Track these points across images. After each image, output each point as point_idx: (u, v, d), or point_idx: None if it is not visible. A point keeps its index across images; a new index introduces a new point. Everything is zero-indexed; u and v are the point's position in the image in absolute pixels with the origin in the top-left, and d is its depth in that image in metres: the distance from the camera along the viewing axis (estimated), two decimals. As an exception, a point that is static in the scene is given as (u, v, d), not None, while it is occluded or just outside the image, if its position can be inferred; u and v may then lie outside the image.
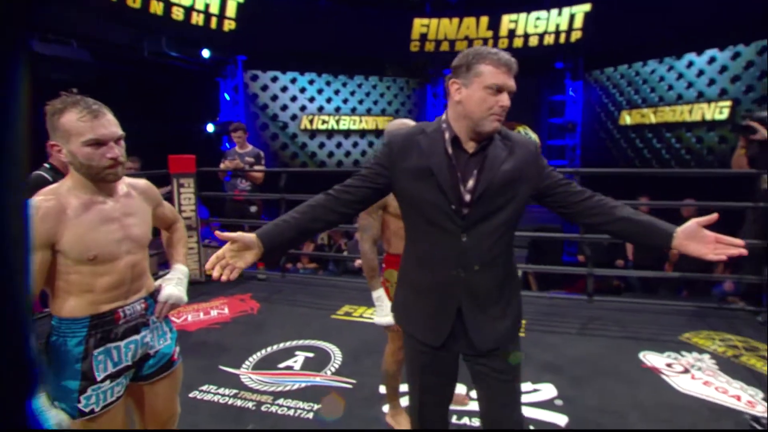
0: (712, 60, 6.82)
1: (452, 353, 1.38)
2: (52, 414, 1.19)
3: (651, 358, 2.89)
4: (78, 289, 1.26)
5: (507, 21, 9.10)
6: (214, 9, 7.45)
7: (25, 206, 0.41)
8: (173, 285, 1.45)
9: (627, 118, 8.35)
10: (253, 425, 2.23)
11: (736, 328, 3.30)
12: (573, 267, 5.20)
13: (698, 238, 1.20)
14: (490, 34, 9.23)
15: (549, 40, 8.92)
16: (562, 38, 8.82)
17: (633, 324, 3.41)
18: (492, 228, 1.28)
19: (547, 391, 2.53)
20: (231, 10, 7.68)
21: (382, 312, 1.91)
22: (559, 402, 2.42)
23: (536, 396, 2.48)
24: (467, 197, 1.26)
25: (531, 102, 9.73)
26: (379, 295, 1.92)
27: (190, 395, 2.46)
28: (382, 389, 2.52)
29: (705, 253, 1.19)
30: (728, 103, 6.63)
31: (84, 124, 1.21)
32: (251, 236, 1.24)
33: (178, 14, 6.84)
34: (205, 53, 7.46)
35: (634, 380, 2.64)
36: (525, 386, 2.53)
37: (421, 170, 1.27)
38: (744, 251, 1.16)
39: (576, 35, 8.76)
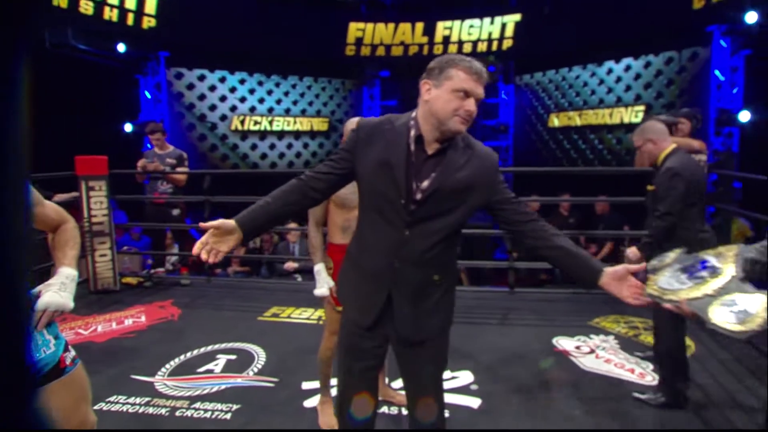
0: (628, 68, 7.57)
1: (380, 337, 1.50)
2: None
3: (563, 342, 3.18)
4: None
5: (442, 28, 9.53)
6: (131, 4, 7.16)
7: (27, 206, 0.40)
8: (54, 290, 1.37)
9: (555, 121, 9.01)
10: None
11: (638, 312, 3.69)
12: (498, 262, 5.54)
13: (624, 281, 1.30)
14: (425, 39, 9.62)
15: (482, 47, 9.47)
16: (495, 45, 9.38)
17: (550, 312, 3.72)
18: (435, 228, 1.38)
19: (465, 377, 2.71)
20: (150, 7, 7.42)
21: (319, 284, 2.11)
22: (474, 387, 2.61)
23: (454, 383, 2.65)
24: (418, 195, 1.36)
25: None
26: (319, 269, 2.11)
27: (95, 407, 2.38)
28: (305, 385, 2.60)
29: (625, 296, 1.29)
30: (642, 107, 7.37)
31: None
32: (231, 222, 1.33)
33: (86, 8, 6.50)
34: (121, 48, 7.12)
35: (544, 362, 2.90)
36: (445, 374, 2.71)
37: (382, 161, 1.37)
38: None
39: (507, 43, 9.34)
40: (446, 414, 2.34)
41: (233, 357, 2.96)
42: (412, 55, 9.59)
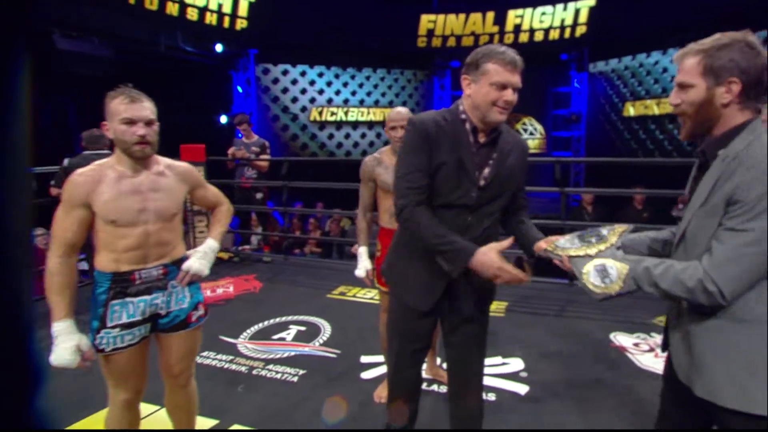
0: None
1: (433, 320, 1.56)
2: (74, 338, 1.44)
3: (620, 339, 3.01)
4: (105, 247, 1.53)
5: (513, 16, 9.08)
6: (227, 9, 7.66)
7: (28, 205, 0.39)
8: (197, 258, 1.65)
9: (630, 110, 8.30)
10: (243, 386, 2.46)
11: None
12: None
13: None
14: (496, 29, 9.21)
15: (554, 34, 8.87)
16: (567, 33, 8.76)
17: (610, 308, 3.50)
18: (491, 211, 1.46)
19: (515, 364, 2.68)
20: (243, 10, 7.88)
21: (358, 266, 2.23)
22: (524, 374, 2.58)
23: (504, 368, 2.64)
24: (481, 182, 1.41)
25: (536, 94, 9.74)
26: (361, 252, 2.22)
27: (191, 360, 2.70)
28: (363, 359, 2.73)
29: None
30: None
31: (122, 106, 1.49)
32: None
33: (192, 14, 7.08)
34: (218, 47, 7.69)
35: (599, 357, 2.77)
36: (494, 360, 2.70)
37: (454, 157, 1.39)
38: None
39: (581, 30, 8.67)
40: (492, 397, 2.36)
41: (303, 328, 3.18)
42: (483, 44, 9.27)
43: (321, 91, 9.64)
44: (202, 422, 2.07)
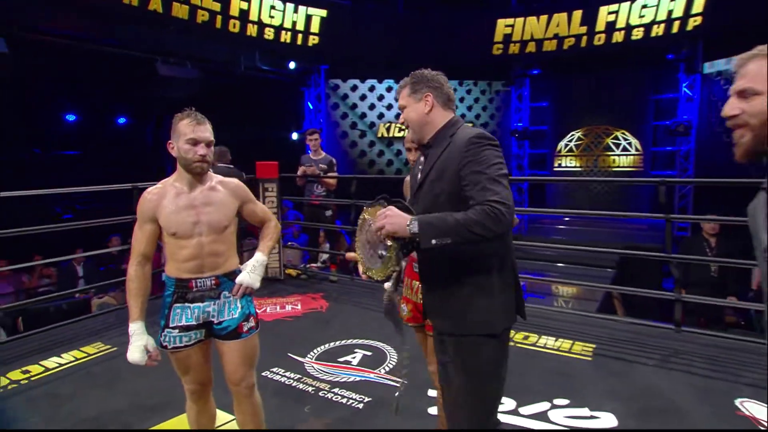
0: None
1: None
2: (143, 338, 1.74)
3: (750, 407, 2.56)
4: (170, 256, 1.79)
5: (605, 13, 8.40)
6: (300, 26, 8.22)
7: None
8: (247, 272, 1.85)
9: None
10: (310, 407, 2.60)
11: None
12: (663, 292, 4.51)
13: None
14: (583, 29, 8.63)
15: (658, 30, 7.94)
16: (676, 27, 7.77)
17: (731, 364, 3.05)
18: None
19: (607, 420, 2.43)
20: (315, 26, 8.40)
21: None
22: (616, 434, 2.33)
23: (592, 423, 2.41)
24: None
25: (632, 103, 9.09)
26: None
27: (263, 374, 2.90)
28: (431, 392, 2.73)
29: None
30: None
31: (189, 128, 1.74)
32: None
33: (269, 34, 7.71)
34: (292, 65, 8.26)
35: (721, 425, 2.39)
36: (581, 411, 2.51)
37: None
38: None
39: (695, 21, 7.57)
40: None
41: (369, 353, 3.27)
42: (568, 48, 8.79)
43: (389, 106, 9.90)
44: (272, 441, 2.21)
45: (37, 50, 6.06)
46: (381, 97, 9.87)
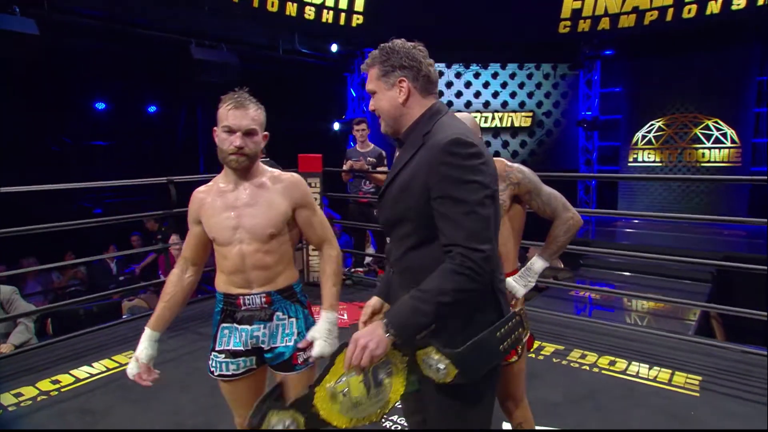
0: None
1: None
2: (141, 348, 1.62)
3: None
4: (218, 266, 1.63)
5: None
6: (343, 4, 8.10)
7: None
8: (323, 340, 1.59)
9: None
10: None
11: None
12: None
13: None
14: (669, 0, 7.99)
15: None
16: None
17: None
18: (401, 234, 1.34)
19: None
20: (359, 4, 8.26)
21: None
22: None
23: None
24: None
25: (728, 86, 8.40)
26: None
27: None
28: (505, 425, 2.52)
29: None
30: None
31: (226, 113, 1.53)
32: None
33: (309, 13, 7.63)
34: (333, 48, 8.15)
35: None
36: None
37: None
38: None
39: None
40: None
41: (430, 375, 3.07)
42: (649, 24, 8.23)
43: (440, 93, 9.63)
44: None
45: (68, 32, 6.21)
46: (430, 83, 9.65)
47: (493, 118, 9.78)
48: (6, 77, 6.08)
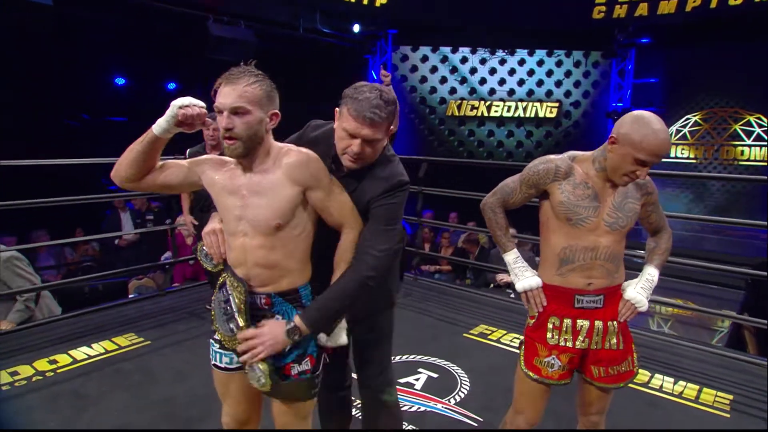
0: None
1: None
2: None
3: None
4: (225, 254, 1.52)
5: None
6: (369, -18, 7.87)
7: None
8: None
9: None
10: None
11: None
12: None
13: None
14: None
15: None
16: None
17: None
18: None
19: None
20: (385, -17, 8.02)
21: (521, 276, 1.75)
22: None
23: None
24: None
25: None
26: (512, 259, 1.78)
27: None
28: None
29: None
30: None
31: (219, 90, 1.34)
32: None
33: (332, -10, 7.43)
34: (356, 28, 7.95)
35: None
36: None
37: None
38: None
39: None
40: None
41: (435, 375, 2.95)
42: (691, 11, 7.84)
43: (463, 80, 9.41)
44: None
45: (83, 2, 6.14)
46: (454, 70, 9.40)
47: (516, 108, 9.48)
48: (24, 50, 6.08)
